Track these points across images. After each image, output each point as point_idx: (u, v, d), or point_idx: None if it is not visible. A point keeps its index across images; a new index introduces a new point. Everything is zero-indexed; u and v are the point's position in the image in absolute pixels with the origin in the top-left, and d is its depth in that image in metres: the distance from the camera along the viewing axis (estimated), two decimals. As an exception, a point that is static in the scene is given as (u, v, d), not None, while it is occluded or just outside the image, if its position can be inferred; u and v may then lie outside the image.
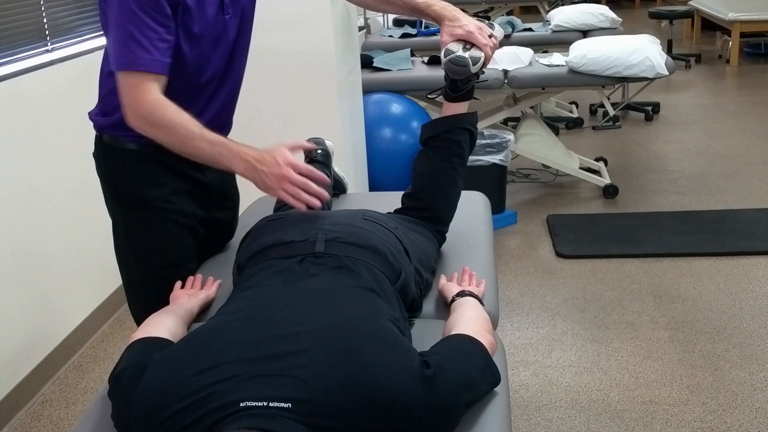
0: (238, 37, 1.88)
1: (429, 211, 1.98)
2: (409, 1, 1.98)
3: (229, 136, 2.07)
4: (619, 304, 3.16)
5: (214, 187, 2.00)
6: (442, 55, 1.89)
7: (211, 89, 1.86)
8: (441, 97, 2.03)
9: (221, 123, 1.95)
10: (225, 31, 1.82)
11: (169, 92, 1.71)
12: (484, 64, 1.89)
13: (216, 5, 1.78)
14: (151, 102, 1.66)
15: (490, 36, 1.91)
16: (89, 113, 1.91)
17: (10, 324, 2.68)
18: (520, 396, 2.60)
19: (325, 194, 1.62)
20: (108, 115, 1.84)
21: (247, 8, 1.90)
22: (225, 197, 2.06)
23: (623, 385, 2.62)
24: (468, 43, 1.89)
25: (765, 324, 2.94)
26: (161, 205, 1.88)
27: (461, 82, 1.93)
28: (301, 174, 1.63)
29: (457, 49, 1.87)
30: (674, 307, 3.11)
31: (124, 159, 1.86)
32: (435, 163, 1.98)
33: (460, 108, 2.00)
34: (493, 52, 1.91)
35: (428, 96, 2.14)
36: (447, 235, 2.04)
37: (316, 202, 1.62)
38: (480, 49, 1.88)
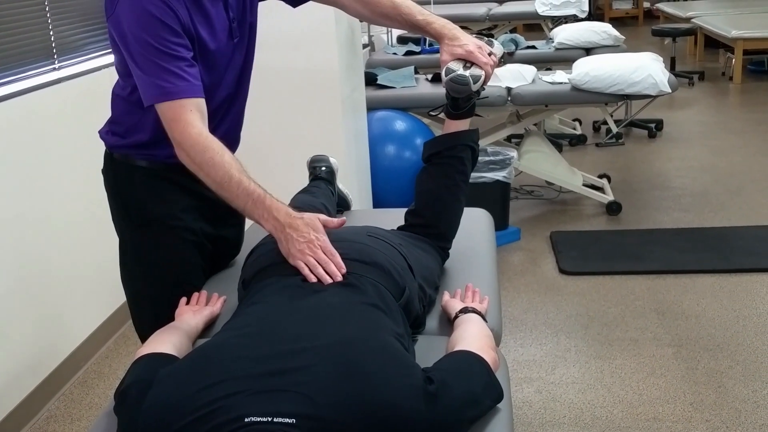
0: (246, 57, 1.90)
1: (432, 227, 1.99)
2: (408, 18, 1.98)
3: (237, 153, 2.10)
4: (622, 321, 3.17)
5: (222, 204, 2.01)
6: (442, 74, 1.91)
7: (222, 112, 1.88)
8: (443, 114, 2.05)
9: (231, 141, 1.97)
10: (234, 55, 1.85)
11: None
12: (485, 82, 1.91)
13: (225, 32, 1.81)
14: (194, 137, 1.65)
15: (490, 54, 1.93)
16: (99, 132, 1.93)
17: (15, 339, 2.69)
18: (523, 413, 2.60)
19: (339, 275, 1.58)
20: (119, 136, 1.86)
21: (254, 24, 1.92)
22: (232, 214, 2.07)
23: (627, 402, 2.62)
24: (468, 61, 1.91)
25: (768, 341, 2.95)
26: (171, 222, 1.89)
27: (462, 100, 1.95)
28: (324, 253, 1.61)
29: (458, 68, 1.89)
30: (678, 324, 3.11)
31: (134, 176, 1.88)
32: (438, 179, 2.00)
33: (462, 125, 2.01)
34: (493, 70, 1.93)
35: (430, 114, 2.16)
36: (450, 251, 2.06)
37: (329, 279, 1.58)
38: (480, 67, 1.90)
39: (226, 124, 1.91)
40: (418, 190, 2.03)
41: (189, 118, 1.65)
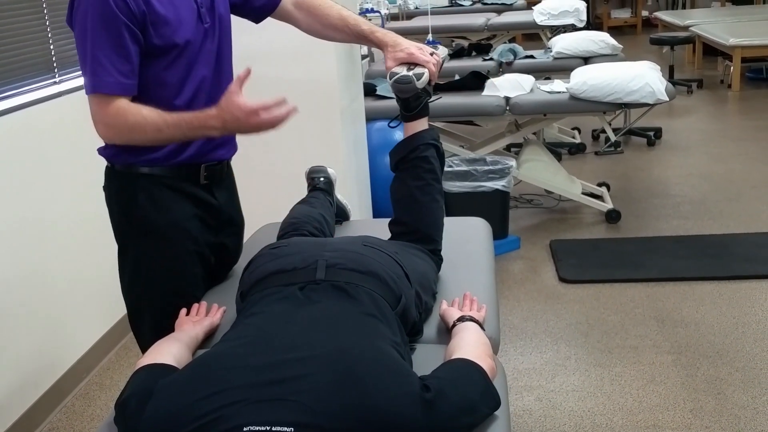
0: (221, 46, 1.92)
1: (417, 232, 2.01)
2: (355, 28, 2.07)
3: (235, 160, 2.12)
4: (622, 329, 3.17)
5: (224, 212, 2.03)
6: (388, 78, 2.00)
7: (203, 102, 1.89)
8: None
9: (224, 138, 1.98)
10: (206, 40, 1.87)
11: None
12: (431, 81, 2.00)
13: (194, 14, 1.84)
14: (112, 110, 1.74)
15: (432, 54, 2.01)
16: (98, 149, 1.95)
17: (17, 352, 2.70)
18: (523, 421, 2.61)
19: (286, 110, 1.74)
20: (116, 145, 1.88)
21: (224, 17, 1.96)
22: (232, 222, 2.09)
23: (626, 410, 2.63)
24: (412, 64, 2.00)
25: (768, 347, 2.96)
26: (173, 232, 1.91)
27: (412, 99, 2.01)
28: (263, 109, 1.72)
29: (401, 70, 1.98)
30: (677, 332, 3.12)
31: (137, 185, 1.89)
32: (409, 183, 2.02)
33: (420, 125, 2.05)
34: (437, 68, 2.01)
35: (390, 125, 2.21)
36: (448, 260, 2.07)
37: (283, 116, 1.74)
38: (423, 66, 1.98)
39: None
40: (393, 199, 2.06)
41: (108, 101, 1.74)
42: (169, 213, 1.91)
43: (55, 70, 3.04)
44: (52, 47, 3.02)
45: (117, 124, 1.76)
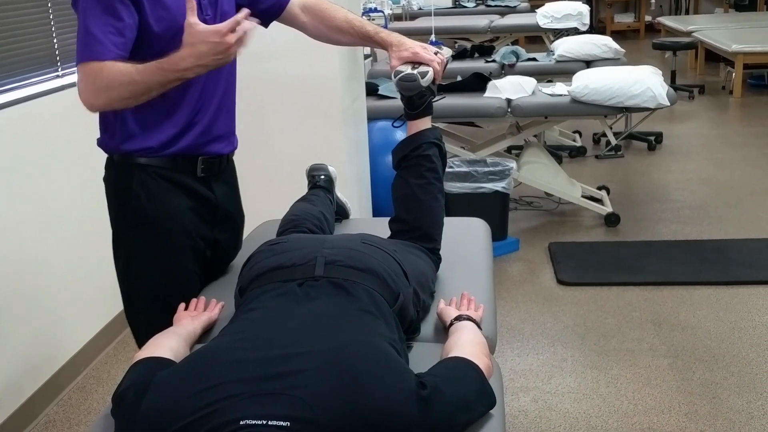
0: None
1: (417, 230, 2.02)
2: (360, 30, 2.09)
3: (238, 157, 2.12)
4: (619, 332, 3.18)
5: (221, 206, 2.04)
6: (392, 76, 2.01)
7: (198, 93, 1.90)
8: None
9: (221, 132, 1.98)
10: None
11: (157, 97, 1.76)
12: (435, 80, 2.01)
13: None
14: (90, 71, 1.70)
15: (436, 53, 2.03)
16: (97, 141, 1.95)
17: (15, 344, 2.71)
18: (519, 422, 2.62)
19: (246, 19, 1.67)
20: (111, 128, 1.89)
21: (228, 14, 1.95)
22: (229, 218, 2.10)
23: (622, 412, 2.64)
24: (416, 63, 2.01)
25: (764, 353, 2.96)
26: (167, 224, 1.91)
27: (416, 97, 2.03)
28: (229, 31, 1.65)
29: (406, 69, 2.00)
30: (674, 335, 3.13)
31: (134, 175, 1.89)
32: (410, 181, 2.03)
33: (423, 124, 2.07)
34: (441, 67, 2.02)
35: (393, 125, 2.22)
36: (447, 260, 2.07)
37: (248, 31, 1.67)
38: (427, 64, 2.00)
39: (210, 109, 1.93)
40: (395, 196, 2.07)
41: (92, 66, 1.71)
42: (163, 205, 1.91)
43: (58, 64, 3.05)
44: (55, 41, 3.03)
45: (95, 85, 1.71)
